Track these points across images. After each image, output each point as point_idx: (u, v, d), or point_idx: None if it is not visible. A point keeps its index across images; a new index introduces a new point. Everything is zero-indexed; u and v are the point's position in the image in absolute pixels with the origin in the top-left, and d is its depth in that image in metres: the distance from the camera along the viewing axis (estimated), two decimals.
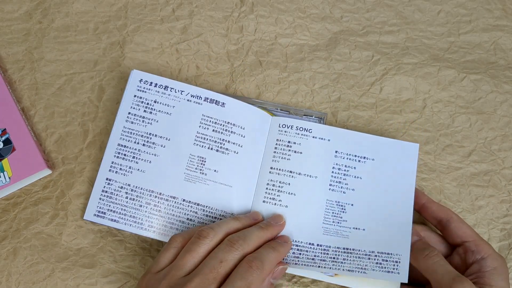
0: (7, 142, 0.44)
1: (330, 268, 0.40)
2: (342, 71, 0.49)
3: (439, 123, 0.48)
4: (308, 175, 0.43)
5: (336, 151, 0.43)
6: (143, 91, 0.45)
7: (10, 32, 0.49)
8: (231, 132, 0.44)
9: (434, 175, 0.46)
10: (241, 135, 0.44)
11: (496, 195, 0.46)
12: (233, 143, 0.44)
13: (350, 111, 0.48)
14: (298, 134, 0.44)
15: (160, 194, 0.43)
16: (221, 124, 0.44)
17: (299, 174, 0.43)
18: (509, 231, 0.45)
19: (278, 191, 0.43)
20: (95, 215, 0.42)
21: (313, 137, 0.44)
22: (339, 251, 0.41)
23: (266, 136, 0.45)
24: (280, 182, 0.43)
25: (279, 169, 0.43)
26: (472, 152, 0.47)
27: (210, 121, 0.44)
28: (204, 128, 0.44)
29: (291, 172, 0.43)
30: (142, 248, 0.44)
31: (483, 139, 0.47)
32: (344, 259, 0.40)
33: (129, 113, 0.44)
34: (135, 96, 0.44)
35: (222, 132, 0.44)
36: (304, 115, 0.47)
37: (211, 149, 0.44)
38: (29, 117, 0.47)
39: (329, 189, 0.43)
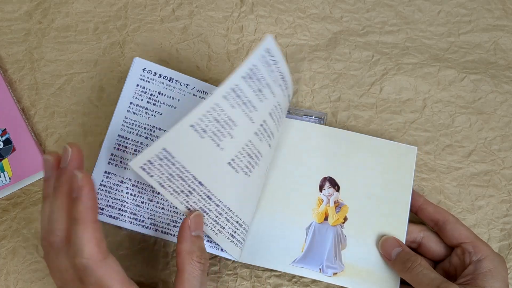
0: (7, 142, 0.44)
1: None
2: (342, 71, 0.49)
3: (439, 123, 0.48)
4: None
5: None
6: (146, 81, 0.43)
7: (10, 32, 0.49)
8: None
9: (434, 175, 0.46)
10: None
11: (496, 195, 0.46)
12: None
13: (350, 111, 0.48)
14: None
15: None
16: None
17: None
18: (509, 231, 0.45)
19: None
20: None
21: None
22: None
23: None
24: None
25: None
26: (472, 152, 0.47)
27: None
28: None
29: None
30: (142, 248, 0.44)
31: (483, 139, 0.47)
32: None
33: (131, 103, 0.42)
34: (137, 85, 0.43)
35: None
36: (304, 115, 0.47)
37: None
38: (29, 117, 0.47)
39: None
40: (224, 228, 0.39)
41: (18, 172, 0.44)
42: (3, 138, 0.44)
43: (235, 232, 0.40)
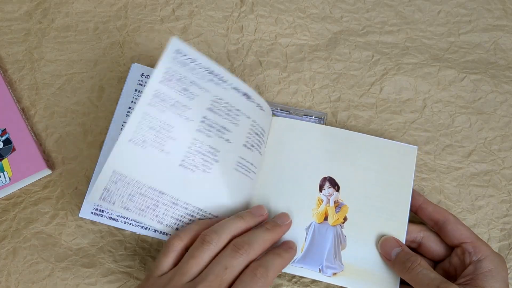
0: (7, 142, 0.44)
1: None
2: (342, 71, 0.49)
3: (439, 123, 0.48)
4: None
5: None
6: (144, 86, 0.43)
7: (10, 32, 0.49)
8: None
9: (434, 175, 0.46)
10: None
11: (496, 195, 0.46)
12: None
13: (350, 111, 0.48)
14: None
15: None
16: None
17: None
18: (509, 231, 0.45)
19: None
20: (92, 213, 0.42)
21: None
22: None
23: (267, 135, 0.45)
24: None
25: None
26: (472, 152, 0.47)
27: None
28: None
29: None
30: (142, 248, 0.44)
31: (483, 139, 0.47)
32: None
33: (130, 107, 0.43)
34: (136, 90, 0.43)
35: None
36: (304, 115, 0.47)
37: None
38: (29, 117, 0.47)
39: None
40: None
41: (18, 172, 0.44)
42: (3, 138, 0.44)
43: None
